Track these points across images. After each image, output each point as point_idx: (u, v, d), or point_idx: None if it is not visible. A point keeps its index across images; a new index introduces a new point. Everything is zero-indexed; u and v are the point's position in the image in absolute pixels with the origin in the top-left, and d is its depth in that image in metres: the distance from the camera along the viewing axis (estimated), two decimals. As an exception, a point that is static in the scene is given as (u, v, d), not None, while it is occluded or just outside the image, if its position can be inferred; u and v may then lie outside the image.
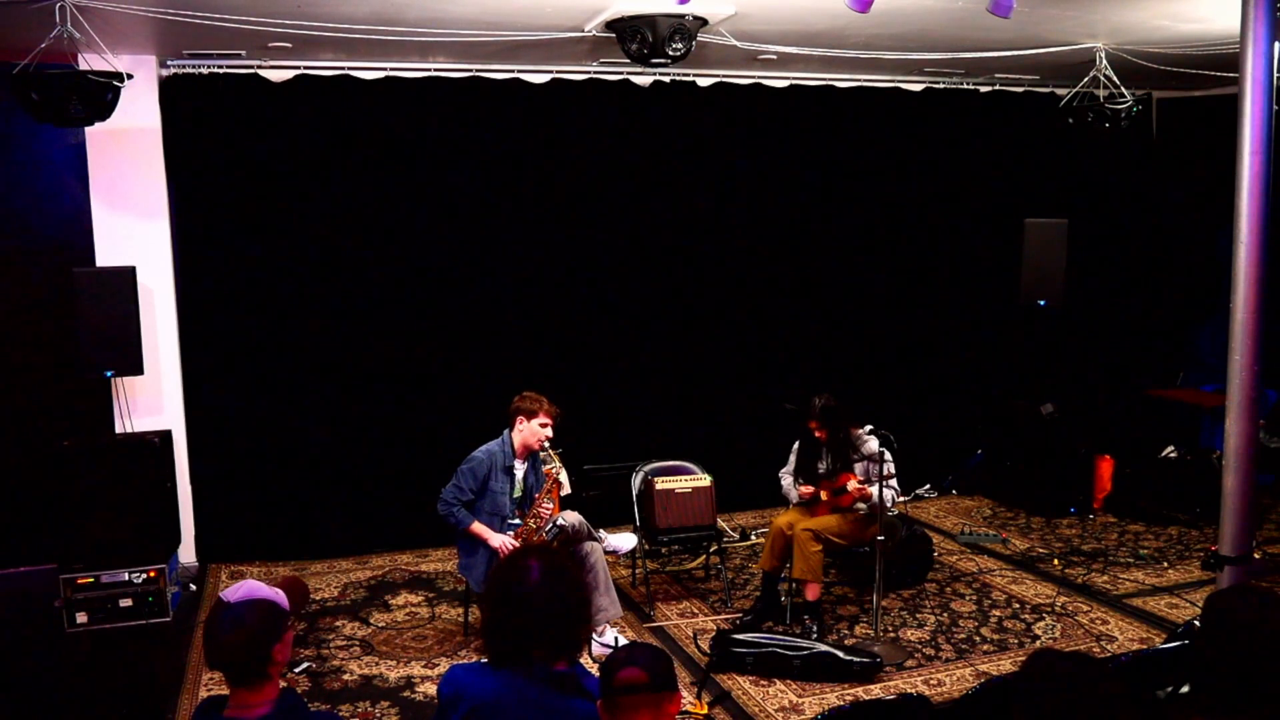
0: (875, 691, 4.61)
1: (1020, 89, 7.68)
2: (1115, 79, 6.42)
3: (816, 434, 5.33)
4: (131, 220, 6.03)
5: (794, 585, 5.30)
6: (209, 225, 6.30)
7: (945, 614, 5.49)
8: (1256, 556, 4.30)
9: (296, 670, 4.86)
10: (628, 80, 6.81)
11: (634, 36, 5.08)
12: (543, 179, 6.84)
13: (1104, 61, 6.32)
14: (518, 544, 4.91)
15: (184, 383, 6.27)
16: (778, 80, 7.12)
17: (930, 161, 7.67)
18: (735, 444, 7.11)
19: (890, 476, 5.14)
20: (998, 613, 5.50)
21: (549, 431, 5.07)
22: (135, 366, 5.70)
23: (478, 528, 4.97)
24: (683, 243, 7.18)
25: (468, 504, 4.99)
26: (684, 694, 4.38)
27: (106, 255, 5.97)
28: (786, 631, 5.19)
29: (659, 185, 7.08)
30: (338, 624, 5.49)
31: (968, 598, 5.72)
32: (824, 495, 5.29)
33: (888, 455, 5.12)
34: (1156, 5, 5.24)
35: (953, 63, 6.56)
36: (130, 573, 5.48)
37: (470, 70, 6.51)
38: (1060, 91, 7.07)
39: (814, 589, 5.19)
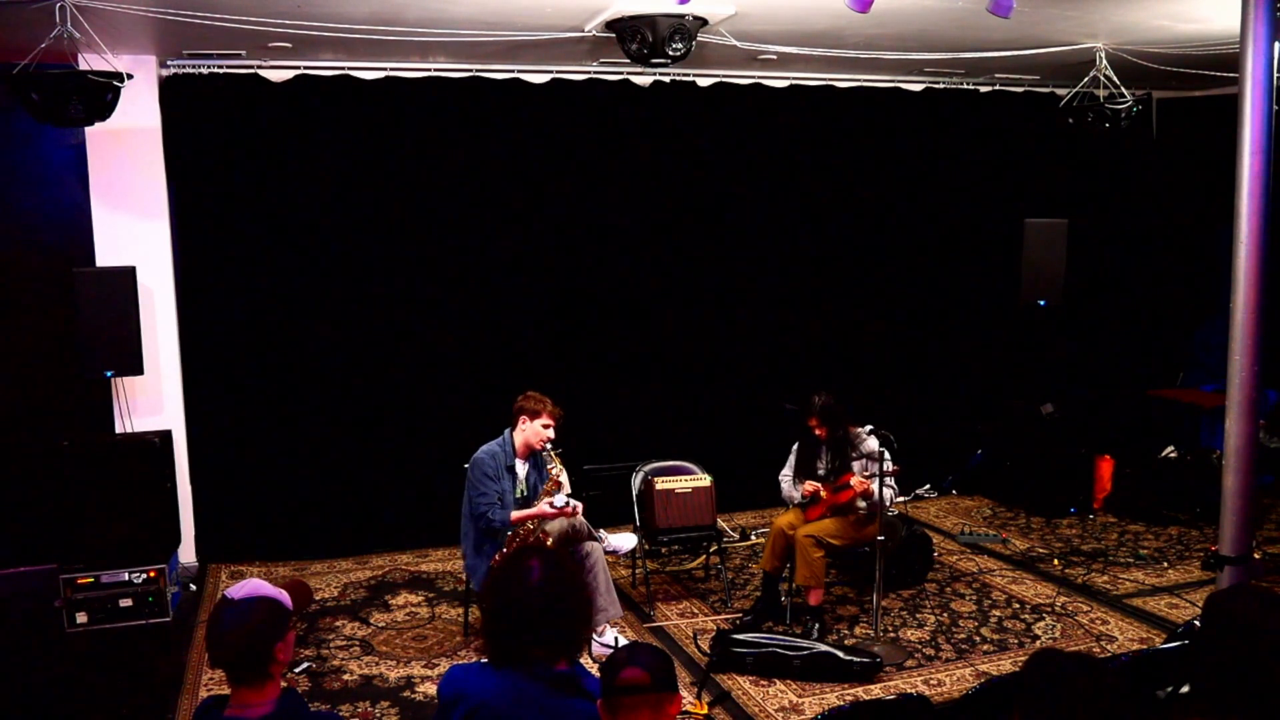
0: (875, 691, 4.61)
1: (1020, 89, 7.68)
2: (1115, 79, 6.42)
3: (816, 431, 5.34)
4: (131, 220, 6.03)
5: (795, 587, 5.30)
6: (209, 225, 6.30)
7: (945, 614, 5.49)
8: (1256, 556, 4.30)
9: (296, 670, 4.86)
10: (628, 80, 6.81)
11: (634, 36, 5.08)
12: (543, 179, 6.84)
13: (1104, 61, 6.33)
14: (576, 505, 4.95)
15: (184, 383, 6.27)
16: (778, 80, 7.13)
17: (930, 161, 7.67)
18: (735, 444, 7.11)
19: (891, 474, 5.14)
20: (998, 613, 5.50)
21: (551, 433, 5.07)
22: (135, 366, 5.70)
23: (519, 514, 4.97)
24: (683, 243, 7.18)
25: (499, 502, 4.99)
26: (684, 694, 4.38)
27: (106, 255, 5.97)
28: (786, 631, 5.19)
29: (659, 185, 7.08)
30: (338, 624, 5.49)
31: (968, 598, 5.72)
32: (824, 494, 5.29)
33: (887, 454, 5.12)
34: (1156, 5, 5.25)
35: (953, 63, 6.56)
36: (130, 573, 5.48)
37: (470, 70, 6.51)
38: (1060, 91, 7.08)
39: (817, 594, 5.19)
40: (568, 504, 4.97)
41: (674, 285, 7.20)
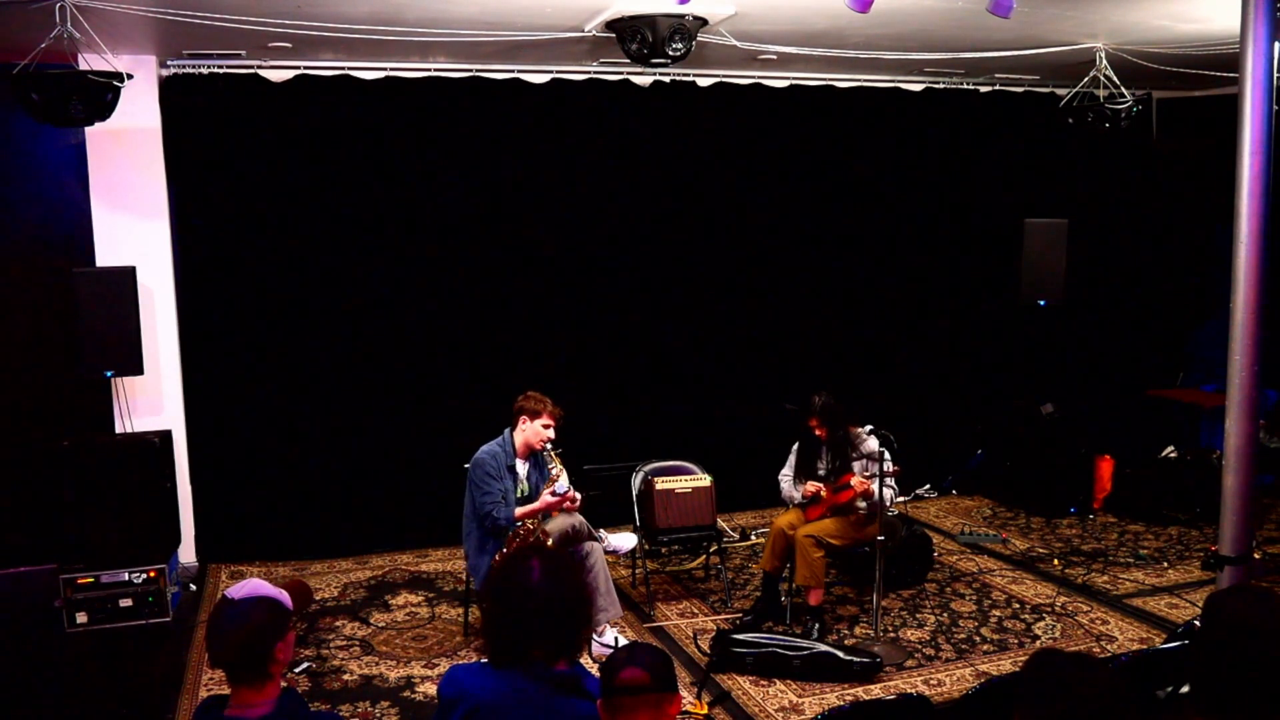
0: (875, 691, 4.61)
1: (1020, 89, 7.68)
2: (1115, 79, 6.42)
3: (816, 432, 5.34)
4: (131, 220, 6.03)
5: (795, 587, 5.30)
6: (209, 225, 6.30)
7: (945, 614, 5.49)
8: (1256, 556, 4.30)
9: (296, 670, 4.86)
10: (628, 80, 6.81)
11: (634, 36, 5.08)
12: (543, 179, 6.84)
13: (1104, 61, 6.32)
14: (575, 496, 4.98)
15: (184, 383, 6.27)
16: (778, 80, 7.12)
17: (930, 161, 7.67)
18: (735, 444, 7.11)
19: (891, 475, 5.14)
20: (998, 613, 5.50)
21: (551, 433, 5.06)
22: (135, 366, 5.70)
23: (523, 510, 4.98)
24: (683, 243, 7.18)
25: (503, 500, 4.99)
26: (684, 694, 4.38)
27: (106, 255, 5.97)
28: (786, 631, 5.19)
29: (659, 185, 7.08)
30: (338, 624, 5.49)
31: (968, 598, 5.72)
32: (824, 494, 5.29)
33: (887, 454, 5.12)
34: (1156, 5, 5.25)
35: (953, 63, 6.56)
36: (130, 573, 5.48)
37: (470, 70, 6.51)
38: (1060, 91, 7.08)
39: (817, 594, 5.19)
40: (569, 490, 4.98)
41: (674, 285, 7.20)
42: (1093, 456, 7.27)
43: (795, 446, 5.53)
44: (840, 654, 4.74)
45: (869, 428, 5.37)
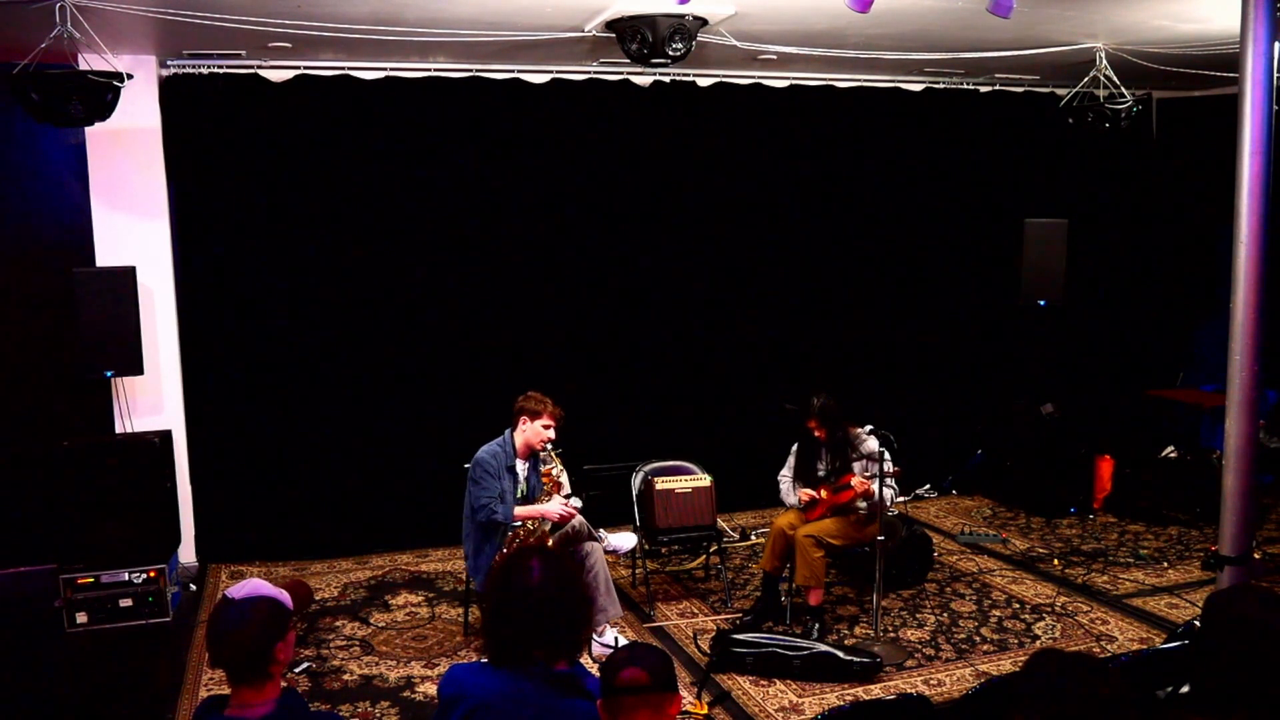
0: (875, 691, 4.61)
1: (1020, 89, 7.68)
2: (1115, 79, 6.42)
3: (815, 433, 5.34)
4: (131, 220, 6.03)
5: (795, 587, 5.30)
6: (209, 225, 6.30)
7: (945, 614, 5.49)
8: (1256, 556, 4.32)
9: (296, 670, 4.86)
10: (628, 80, 6.81)
11: (634, 36, 5.09)
12: (543, 179, 6.85)
13: (1104, 61, 6.33)
14: (574, 509, 4.98)
15: (184, 383, 6.27)
16: (778, 80, 7.13)
17: (930, 161, 7.67)
18: (735, 444, 7.11)
19: (891, 475, 5.14)
20: (998, 613, 5.50)
21: (551, 433, 5.07)
22: (135, 366, 5.70)
23: (523, 510, 4.98)
24: (683, 242, 7.18)
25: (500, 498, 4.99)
26: (684, 694, 4.38)
27: (106, 255, 5.98)
28: (786, 631, 5.19)
29: (659, 185, 7.08)
30: (338, 624, 5.49)
31: (968, 598, 5.72)
32: (824, 494, 5.29)
33: (887, 454, 5.12)
34: (1156, 5, 5.25)
35: (953, 63, 6.56)
36: (130, 573, 5.49)
37: (470, 70, 6.51)
38: (1060, 91, 7.08)
39: (817, 594, 5.19)
40: (578, 506, 5.01)
41: (674, 284, 7.19)
42: (1093, 456, 7.27)
43: (795, 447, 5.53)
44: (840, 654, 4.74)
45: (869, 428, 5.37)
